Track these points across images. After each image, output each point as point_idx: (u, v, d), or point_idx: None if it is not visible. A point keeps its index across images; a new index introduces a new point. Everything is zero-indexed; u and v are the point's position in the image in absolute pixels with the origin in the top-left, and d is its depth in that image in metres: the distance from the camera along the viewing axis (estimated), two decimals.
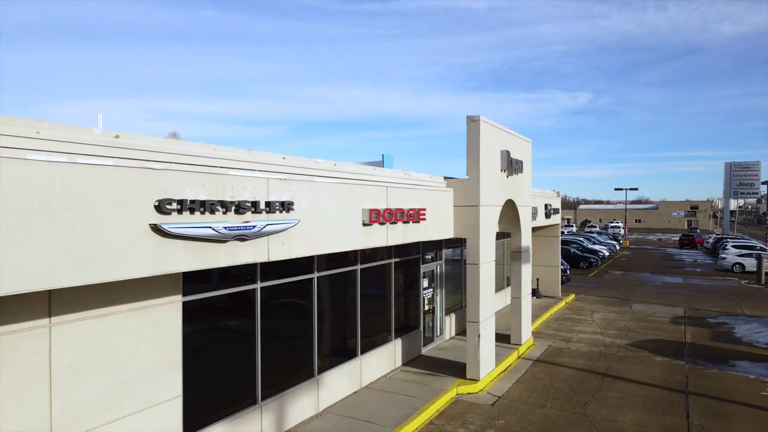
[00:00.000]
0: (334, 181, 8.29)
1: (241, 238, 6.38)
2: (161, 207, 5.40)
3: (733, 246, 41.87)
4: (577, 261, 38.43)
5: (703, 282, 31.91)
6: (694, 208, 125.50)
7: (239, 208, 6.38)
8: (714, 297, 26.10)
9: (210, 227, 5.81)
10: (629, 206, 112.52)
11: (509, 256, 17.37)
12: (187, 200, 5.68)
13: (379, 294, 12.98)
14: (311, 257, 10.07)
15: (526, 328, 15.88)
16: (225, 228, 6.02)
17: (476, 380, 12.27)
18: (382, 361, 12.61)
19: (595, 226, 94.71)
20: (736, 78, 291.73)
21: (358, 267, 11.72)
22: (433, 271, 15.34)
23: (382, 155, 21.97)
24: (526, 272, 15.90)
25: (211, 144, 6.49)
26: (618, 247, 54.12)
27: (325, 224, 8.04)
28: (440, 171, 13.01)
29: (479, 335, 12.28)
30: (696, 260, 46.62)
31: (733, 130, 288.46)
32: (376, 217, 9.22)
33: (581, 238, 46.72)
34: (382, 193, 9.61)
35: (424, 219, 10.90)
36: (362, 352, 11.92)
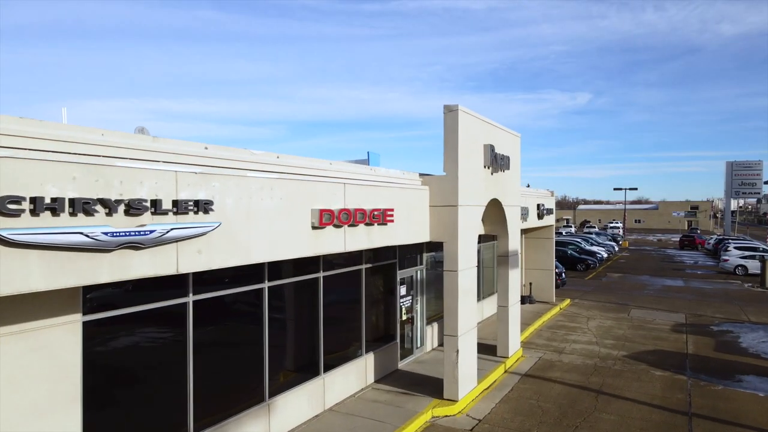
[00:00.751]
0: (274, 177, 6.99)
1: (135, 246, 5.09)
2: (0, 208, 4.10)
3: (735, 247, 40.57)
4: (574, 263, 37.15)
5: (705, 285, 30.62)
6: (694, 208, 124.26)
7: (131, 208, 5.08)
8: (717, 302, 24.82)
9: (81, 233, 4.52)
10: (629, 206, 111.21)
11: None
12: (45, 198, 4.39)
13: (348, 303, 11.68)
14: (261, 264, 8.77)
15: (514, 339, 14.57)
16: (106, 234, 4.74)
17: (454, 401, 10.97)
18: (351, 378, 11.31)
19: (594, 227, 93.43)
20: (735, 78, 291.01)
21: (321, 275, 10.42)
22: (412, 276, 14.04)
23: (368, 152, 20.66)
24: (514, 278, 14.60)
25: (99, 128, 5.19)
26: (617, 249, 52.86)
27: (260, 228, 6.75)
28: (440, 171, 11.82)
29: (457, 351, 10.98)
30: (697, 262, 45.35)
31: (733, 130, 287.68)
32: (329, 218, 7.92)
33: (579, 240, 45.41)
34: (338, 191, 8.31)
35: (392, 221, 9.61)
36: (326, 370, 10.61)
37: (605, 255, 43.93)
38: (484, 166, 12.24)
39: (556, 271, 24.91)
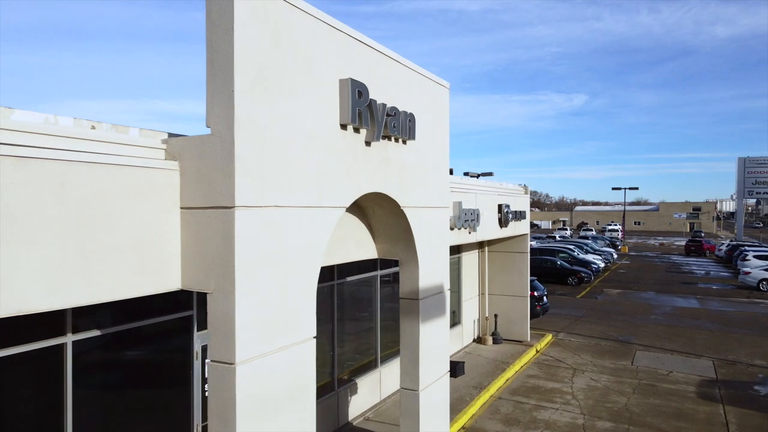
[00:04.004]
0: None
1: None
2: None
3: (755, 256, 34.37)
4: (564, 276, 30.85)
5: (727, 307, 24.29)
6: (696, 209, 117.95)
7: None
8: (748, 334, 18.51)
9: None
10: (628, 208, 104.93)
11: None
12: None
13: (33, 413, 5.35)
14: None
15: None
16: None
17: None
18: None
19: (592, 230, 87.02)
20: (732, 80, 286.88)
21: None
22: None
23: None
24: (433, 337, 8.22)
25: None
26: (615, 256, 46.44)
27: None
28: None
29: None
30: (709, 272, 39.00)
31: (732, 131, 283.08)
32: None
33: (571, 246, 39.08)
34: None
35: None
36: None
37: (602, 264, 37.63)
38: (342, 125, 5.91)
39: (536, 294, 18.60)
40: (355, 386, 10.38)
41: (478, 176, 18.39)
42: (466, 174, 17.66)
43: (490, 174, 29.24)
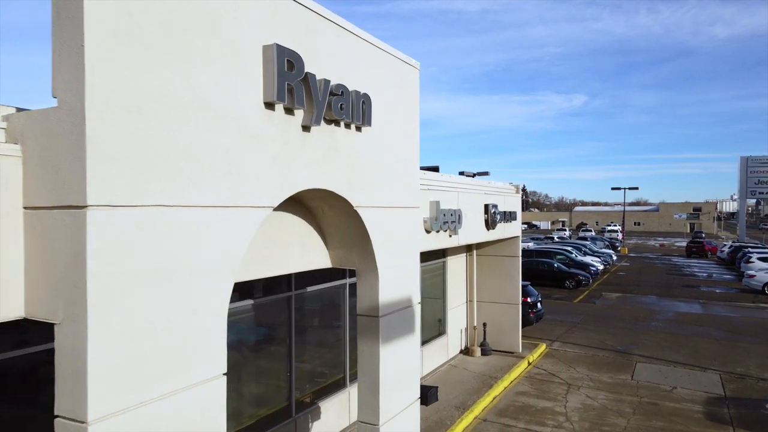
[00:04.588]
0: None
1: None
2: None
3: (760, 258, 33.15)
4: (561, 279, 29.63)
5: (731, 312, 23.06)
6: (696, 210, 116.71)
7: None
8: (757, 343, 17.28)
9: None
10: (627, 208, 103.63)
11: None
12: None
13: None
14: None
15: None
16: None
17: None
18: None
19: (591, 230, 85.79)
20: (731, 80, 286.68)
21: None
22: None
23: None
24: (397, 361, 6.98)
25: None
26: (615, 258, 45.18)
27: None
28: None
29: None
30: (711, 275, 37.77)
31: (732, 131, 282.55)
32: None
33: (569, 248, 37.84)
34: None
35: None
36: None
37: (601, 267, 36.39)
38: (268, 104, 4.69)
39: (529, 300, 17.39)
40: (318, 410, 9.15)
41: (473, 176, 17.19)
42: (461, 173, 16.46)
43: (486, 173, 28.13)
